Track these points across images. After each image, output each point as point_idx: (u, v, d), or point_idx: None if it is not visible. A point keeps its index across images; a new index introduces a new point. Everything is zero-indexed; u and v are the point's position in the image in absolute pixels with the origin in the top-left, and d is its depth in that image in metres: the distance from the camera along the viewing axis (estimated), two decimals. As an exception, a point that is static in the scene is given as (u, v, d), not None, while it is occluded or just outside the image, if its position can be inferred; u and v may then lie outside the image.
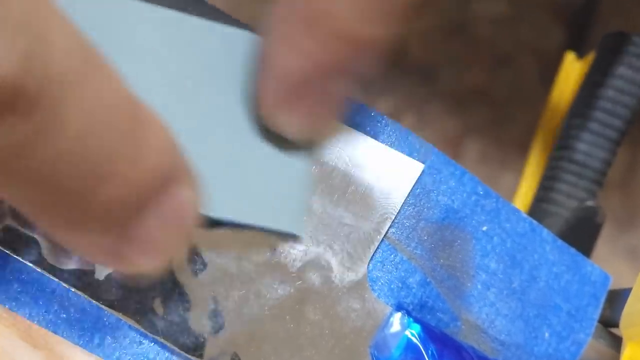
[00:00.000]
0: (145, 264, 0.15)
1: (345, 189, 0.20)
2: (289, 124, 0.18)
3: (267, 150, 0.19)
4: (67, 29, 0.13)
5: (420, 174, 0.21)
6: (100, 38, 0.14)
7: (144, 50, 0.17)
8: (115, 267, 0.17)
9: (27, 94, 0.12)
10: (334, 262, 0.20)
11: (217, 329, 0.19)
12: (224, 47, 0.18)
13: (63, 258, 0.19)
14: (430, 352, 0.20)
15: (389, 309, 0.20)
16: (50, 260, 0.19)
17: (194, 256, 0.19)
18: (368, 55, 0.17)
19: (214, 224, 0.19)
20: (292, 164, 0.19)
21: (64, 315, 0.19)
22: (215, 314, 0.19)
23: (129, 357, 0.19)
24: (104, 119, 0.13)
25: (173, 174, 0.15)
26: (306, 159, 0.20)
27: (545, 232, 0.22)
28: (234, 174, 0.18)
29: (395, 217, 0.21)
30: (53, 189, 0.13)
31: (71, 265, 0.19)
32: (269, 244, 0.20)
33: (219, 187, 0.18)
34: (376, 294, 0.21)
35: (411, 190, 0.21)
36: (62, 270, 0.19)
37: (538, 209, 0.31)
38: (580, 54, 0.36)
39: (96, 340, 0.19)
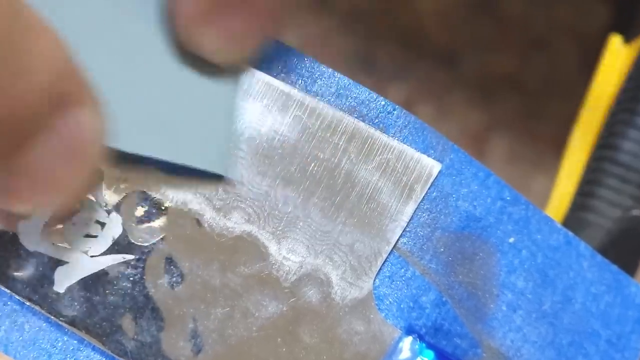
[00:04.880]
0: (37, 200, 0.15)
1: (349, 191, 0.20)
2: (210, 42, 0.18)
3: (185, 75, 0.19)
4: None
5: (438, 175, 0.21)
6: None
7: None
8: (0, 203, 0.16)
9: None
10: (334, 276, 0.20)
11: (196, 352, 0.19)
12: None
13: (33, 237, 0.18)
14: (445, 383, 0.20)
15: (398, 333, 0.20)
16: (22, 238, 0.18)
17: (169, 266, 0.20)
18: None
19: (124, 158, 0.19)
20: (214, 92, 0.19)
21: (17, 334, 0.19)
22: (194, 335, 0.19)
23: (92, 384, 0.19)
24: None
25: (68, 94, 0.15)
26: (230, 86, 0.20)
27: (583, 246, 0.22)
28: (147, 101, 0.18)
29: (407, 225, 0.21)
30: None
31: (43, 248, 0.19)
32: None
33: (129, 116, 0.18)
34: (383, 314, 0.21)
35: (426, 194, 0.21)
36: (14, 279, 0.19)
37: (575, 219, 0.31)
38: (627, 38, 0.36)
39: (54, 363, 0.19)
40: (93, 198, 0.20)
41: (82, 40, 0.16)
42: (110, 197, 0.20)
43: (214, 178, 0.20)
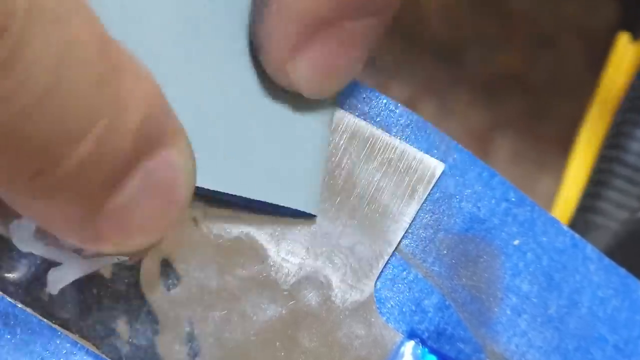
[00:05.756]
0: (125, 243, 0.15)
1: (350, 192, 0.20)
2: (302, 76, 0.18)
3: (274, 109, 0.19)
4: None
5: (441, 175, 0.21)
6: None
7: None
8: (89, 245, 0.16)
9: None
10: (334, 279, 0.20)
11: (193, 356, 0.19)
12: None
13: (26, 238, 0.18)
14: (448, 389, 0.20)
15: (399, 337, 0.20)
16: (15, 238, 0.18)
17: (165, 267, 0.19)
18: None
19: (211, 198, 0.19)
20: (304, 127, 0.19)
21: (8, 337, 0.19)
22: (190, 339, 0.19)
23: (85, 388, 0.19)
24: (74, 64, 0.13)
25: (158, 135, 0.15)
26: (321, 121, 0.20)
27: (590, 249, 0.22)
28: (235, 138, 0.18)
29: (409, 227, 0.21)
30: (13, 150, 0.13)
31: (37, 249, 0.19)
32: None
33: (216, 153, 0.18)
34: (384, 318, 0.21)
35: (429, 195, 0.21)
36: (6, 281, 0.19)
37: (581, 221, 0.31)
38: (636, 35, 0.36)
39: (46, 367, 0.19)
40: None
41: (169, 76, 0.16)
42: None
43: (296, 216, 0.20)
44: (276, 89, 0.19)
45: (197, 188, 0.17)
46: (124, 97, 0.14)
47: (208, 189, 0.18)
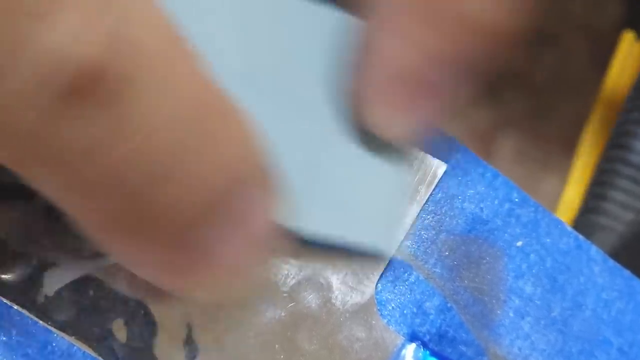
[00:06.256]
0: (211, 282, 0.15)
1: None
2: (391, 123, 0.18)
3: (360, 153, 0.19)
4: (150, 5, 0.13)
5: (443, 176, 0.21)
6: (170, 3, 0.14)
7: (221, 21, 0.17)
8: (177, 287, 0.17)
9: (110, 80, 0.12)
10: (334, 281, 0.20)
11: (191, 359, 0.19)
12: (317, 29, 0.19)
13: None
14: (449, 393, 0.20)
15: (400, 339, 0.20)
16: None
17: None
18: (493, 48, 0.17)
19: (297, 240, 0.19)
20: (388, 170, 0.20)
21: (4, 338, 0.19)
22: (188, 341, 0.19)
23: (81, 391, 0.19)
24: (183, 113, 0.13)
25: (250, 178, 0.15)
26: (403, 165, 0.20)
27: (594, 250, 0.22)
28: (321, 180, 0.19)
29: (410, 228, 0.21)
30: (110, 194, 0.13)
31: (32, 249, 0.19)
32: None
33: (305, 195, 0.18)
34: (385, 320, 0.21)
35: (431, 195, 0.21)
36: (1, 282, 0.19)
37: (586, 222, 0.31)
38: (641, 34, 0.36)
39: (42, 370, 0.19)
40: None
41: (257, 110, 0.16)
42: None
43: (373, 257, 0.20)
44: (363, 132, 0.19)
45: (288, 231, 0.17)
46: (221, 138, 0.14)
47: (294, 231, 0.18)
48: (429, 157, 0.21)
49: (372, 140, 0.19)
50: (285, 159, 0.17)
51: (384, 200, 0.20)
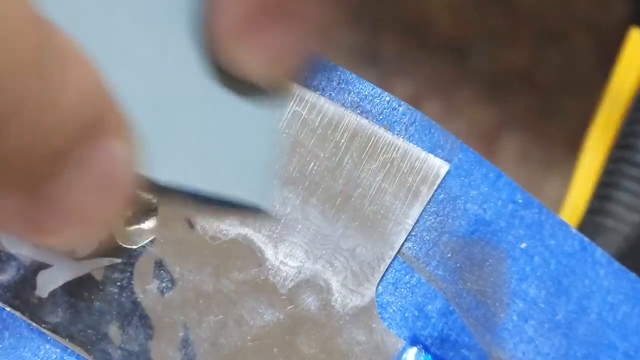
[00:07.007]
0: (68, 233, 0.15)
1: (351, 192, 0.20)
2: (250, 60, 0.18)
3: (222, 98, 0.19)
4: None
5: (445, 176, 0.21)
6: None
7: None
8: (32, 237, 0.17)
9: None
10: (334, 283, 0.20)
11: (187, 363, 0.19)
12: None
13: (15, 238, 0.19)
14: (451, 398, 0.20)
15: (401, 343, 0.20)
16: (2, 239, 0.18)
17: (159, 270, 0.19)
18: None
19: (159, 189, 0.19)
20: (254, 117, 0.19)
21: (-4, 341, 0.19)
22: (185, 344, 0.19)
23: (75, 395, 0.19)
24: (4, 46, 0.13)
25: (100, 123, 0.15)
26: (271, 110, 0.20)
27: (599, 252, 0.22)
28: (181, 127, 0.18)
29: (412, 229, 0.21)
30: None
31: (25, 250, 0.19)
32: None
33: (161, 143, 0.18)
34: (386, 323, 0.21)
35: (433, 196, 0.21)
36: (-5, 285, 0.19)
37: (591, 223, 0.31)
38: (648, 31, 0.36)
39: (35, 373, 0.19)
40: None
41: (109, 62, 0.16)
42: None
43: (251, 208, 0.20)
44: (225, 75, 0.19)
45: (149, 180, 0.17)
46: (61, 84, 0.14)
47: (154, 180, 0.18)
48: (431, 157, 0.21)
49: (235, 83, 0.18)
50: (140, 104, 0.17)
51: (251, 149, 0.19)
